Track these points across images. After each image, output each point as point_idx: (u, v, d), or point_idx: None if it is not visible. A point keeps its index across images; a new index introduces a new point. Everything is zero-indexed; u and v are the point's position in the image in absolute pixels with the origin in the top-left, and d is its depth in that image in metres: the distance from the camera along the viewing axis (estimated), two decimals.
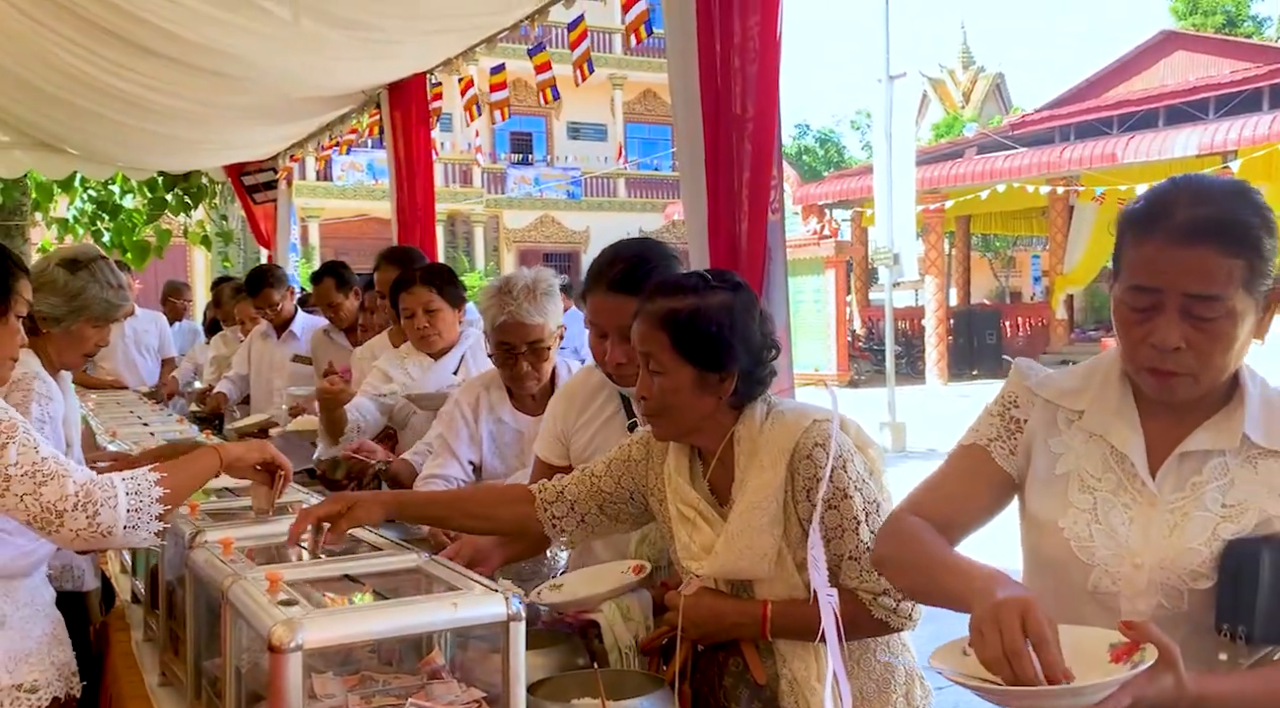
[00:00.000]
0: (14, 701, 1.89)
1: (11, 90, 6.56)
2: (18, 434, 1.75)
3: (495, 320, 2.58)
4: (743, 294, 1.75)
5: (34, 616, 1.97)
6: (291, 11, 4.45)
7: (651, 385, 1.72)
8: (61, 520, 1.71)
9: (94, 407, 4.39)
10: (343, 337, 4.61)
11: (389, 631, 1.39)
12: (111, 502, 1.72)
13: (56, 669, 1.98)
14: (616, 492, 1.87)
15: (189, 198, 8.87)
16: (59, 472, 1.74)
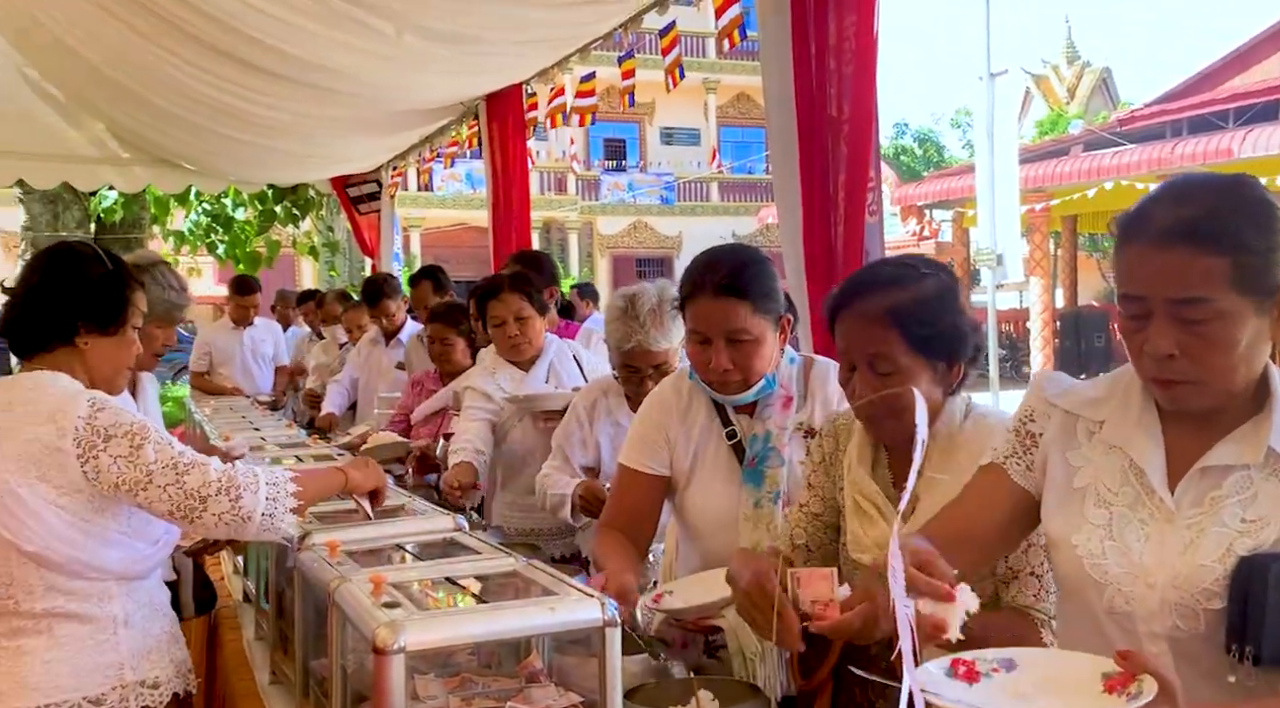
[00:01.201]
0: (139, 696, 1.93)
1: (132, 109, 6.89)
2: (150, 433, 1.84)
3: (622, 345, 2.56)
4: (950, 278, 1.69)
5: (153, 615, 2.02)
6: (395, 27, 4.57)
7: (880, 387, 1.60)
8: (205, 505, 1.79)
9: (210, 412, 4.56)
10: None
11: (488, 634, 1.41)
12: (253, 487, 1.81)
13: (175, 667, 2.04)
14: (825, 508, 1.82)
15: (297, 210, 9.20)
16: (198, 461, 1.83)
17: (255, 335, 6.78)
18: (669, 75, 4.42)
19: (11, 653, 1.86)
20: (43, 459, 1.82)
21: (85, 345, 1.97)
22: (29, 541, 1.81)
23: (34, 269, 2.04)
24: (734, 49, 4.32)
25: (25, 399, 1.88)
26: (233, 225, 9.47)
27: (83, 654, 1.88)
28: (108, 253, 2.08)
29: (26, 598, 1.85)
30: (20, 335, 1.99)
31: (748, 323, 1.98)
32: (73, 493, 1.83)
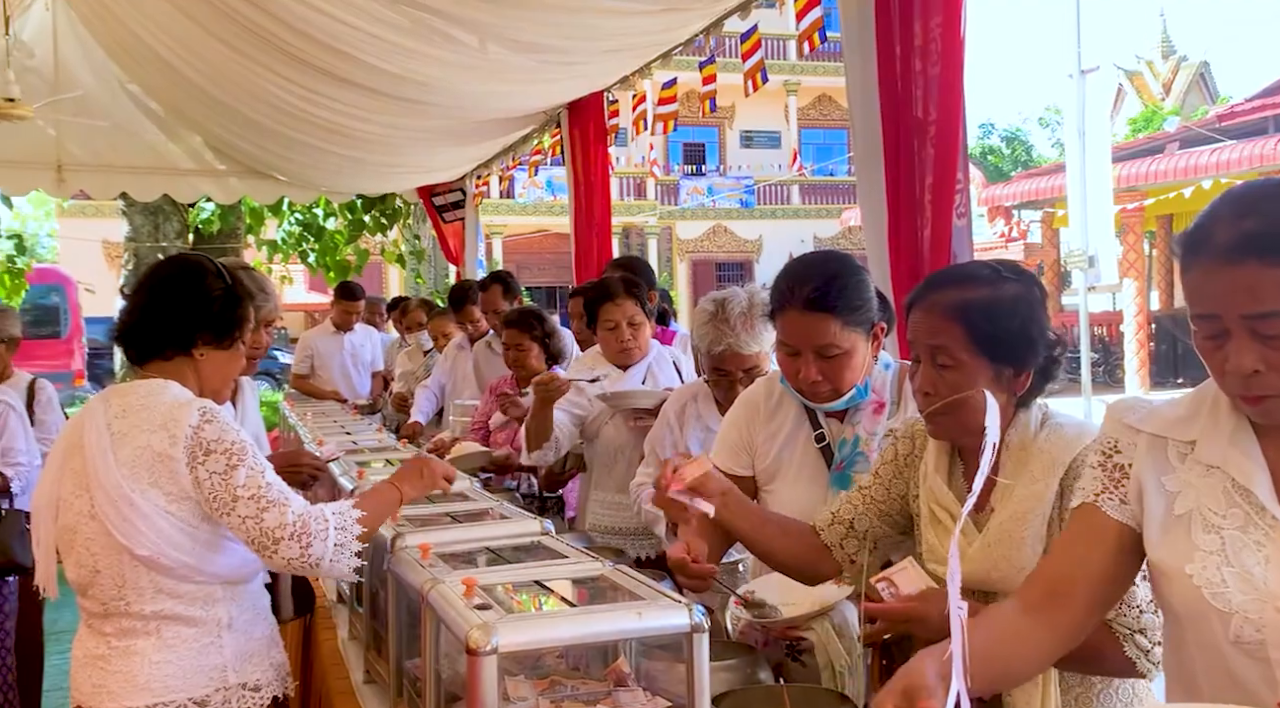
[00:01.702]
0: (240, 699, 1.96)
1: (228, 123, 7.13)
2: (247, 458, 1.88)
3: (712, 349, 2.56)
4: (1035, 287, 1.66)
5: (255, 619, 2.05)
6: (479, 39, 4.66)
7: (938, 380, 1.62)
8: (277, 547, 1.83)
9: (305, 417, 4.68)
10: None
11: (577, 637, 1.42)
12: (323, 535, 1.84)
13: (275, 669, 2.06)
14: (889, 498, 1.81)
15: (385, 219, 9.40)
16: (280, 500, 1.86)
17: (355, 341, 6.95)
18: (749, 80, 4.41)
19: (123, 653, 1.91)
20: (155, 466, 1.87)
21: (201, 356, 2.03)
22: (141, 545, 1.87)
23: (155, 280, 2.10)
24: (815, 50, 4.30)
25: (140, 407, 1.92)
26: (323, 235, 9.71)
27: (188, 656, 1.92)
28: (224, 267, 2.13)
29: (137, 600, 1.90)
30: (138, 343, 2.05)
31: (837, 338, 1.96)
32: (182, 500, 1.88)
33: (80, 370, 15.98)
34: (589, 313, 3.44)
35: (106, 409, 1.95)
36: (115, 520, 1.87)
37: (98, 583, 1.92)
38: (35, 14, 6.68)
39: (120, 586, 1.91)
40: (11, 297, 8.83)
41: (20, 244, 9.08)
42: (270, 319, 2.80)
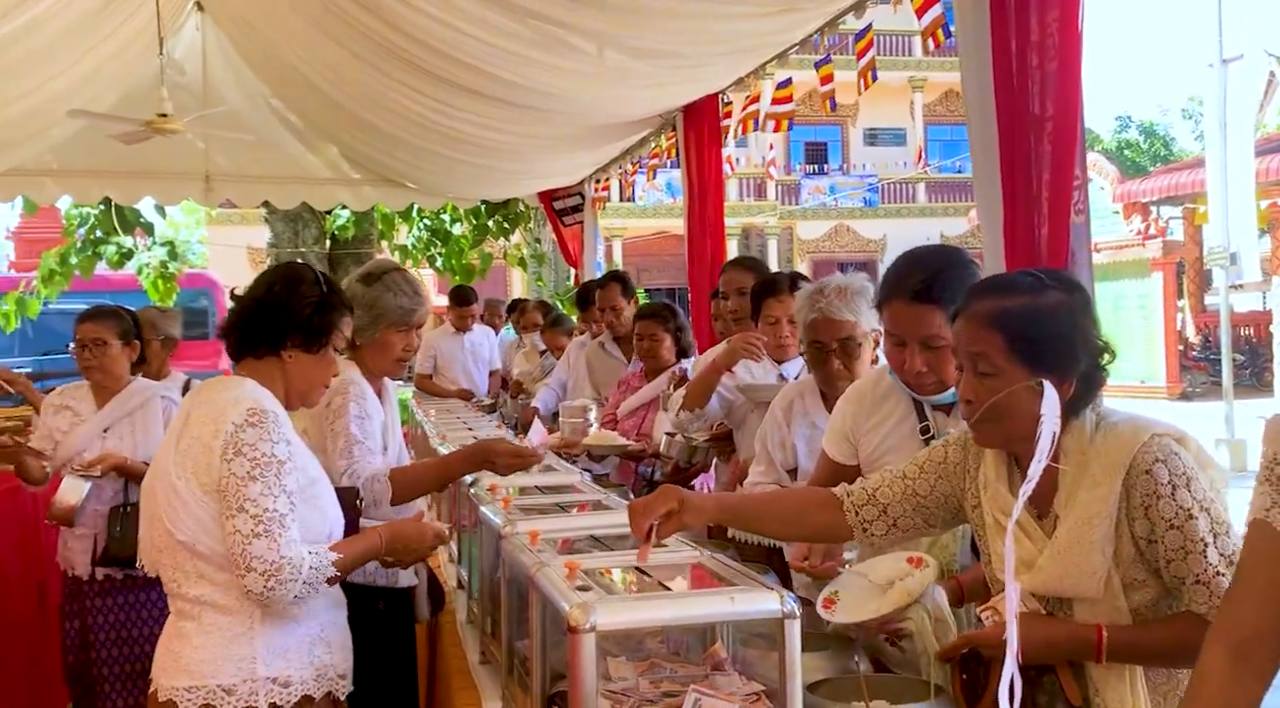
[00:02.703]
0: (268, 692, 1.95)
1: (362, 134, 7.48)
2: (269, 475, 1.90)
3: (806, 319, 2.62)
4: (1078, 295, 1.67)
5: (298, 615, 2.02)
6: (596, 46, 4.77)
7: (979, 389, 1.64)
8: (246, 575, 1.87)
9: (431, 414, 4.84)
10: (617, 348, 4.79)
11: (671, 619, 1.49)
12: (292, 582, 1.88)
13: (315, 669, 2.02)
14: (931, 495, 1.82)
15: (507, 223, 9.69)
16: (276, 532, 1.87)
17: (474, 340, 7.19)
18: (861, 78, 4.40)
19: (175, 633, 2.00)
20: (198, 457, 1.94)
21: (289, 359, 2.09)
22: (181, 530, 1.94)
23: (261, 283, 2.18)
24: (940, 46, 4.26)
25: (208, 400, 2.01)
26: (450, 239, 10.07)
27: (221, 644, 1.95)
28: (325, 277, 2.18)
29: (185, 583, 1.97)
30: (236, 339, 2.13)
31: (942, 329, 1.98)
32: (214, 491, 1.93)
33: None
34: (753, 305, 3.49)
35: (194, 400, 2.07)
36: (164, 505, 1.96)
37: (162, 564, 2.01)
38: (187, 34, 7.15)
39: (174, 568, 1.98)
40: (164, 300, 9.43)
41: (173, 250, 9.69)
42: (422, 322, 2.80)
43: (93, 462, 3.42)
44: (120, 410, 3.56)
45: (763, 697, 1.49)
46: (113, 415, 3.56)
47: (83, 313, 3.63)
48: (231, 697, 1.92)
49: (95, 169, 7.57)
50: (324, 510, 2.06)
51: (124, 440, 3.57)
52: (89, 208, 8.81)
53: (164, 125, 5.57)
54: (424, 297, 2.81)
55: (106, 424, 3.56)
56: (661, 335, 4.12)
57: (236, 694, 1.93)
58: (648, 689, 1.55)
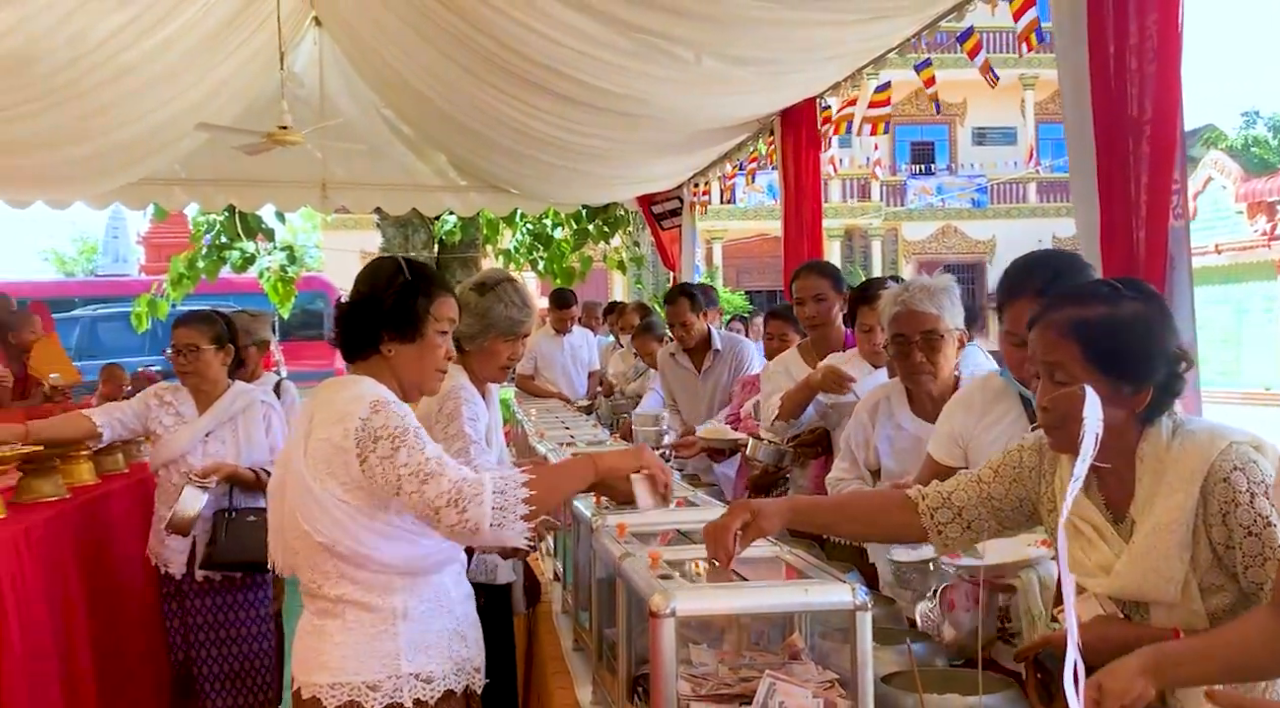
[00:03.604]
0: (412, 688, 1.97)
1: (468, 143, 7.72)
2: (409, 438, 1.90)
3: (890, 314, 2.66)
4: (1155, 303, 1.69)
5: (436, 611, 2.03)
6: (695, 54, 4.86)
7: (1056, 397, 1.66)
8: (439, 516, 1.86)
9: (532, 414, 4.97)
10: (687, 358, 4.83)
11: (747, 607, 1.57)
12: (477, 500, 1.84)
13: (454, 664, 2.04)
14: (1006, 498, 1.85)
15: (607, 227, 9.86)
16: (438, 471, 1.87)
17: (574, 343, 7.31)
18: (985, 75, 4.40)
19: (316, 632, 2.02)
20: (332, 458, 1.94)
21: (390, 353, 2.06)
22: (320, 532, 1.94)
23: (354, 284, 2.16)
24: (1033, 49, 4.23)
25: (329, 402, 2.00)
26: (552, 243, 10.30)
27: (364, 641, 1.97)
28: (411, 264, 2.12)
29: (325, 583, 1.99)
30: (343, 343, 2.12)
31: None
32: (355, 490, 1.93)
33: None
34: (850, 311, 3.52)
35: (313, 403, 2.06)
36: (301, 508, 1.96)
37: (299, 565, 2.03)
38: (305, 48, 7.50)
39: (312, 569, 2.00)
40: (283, 303, 9.88)
41: (291, 255, 10.14)
42: (529, 332, 2.88)
43: (207, 471, 3.45)
44: (222, 415, 3.59)
45: (835, 684, 1.55)
46: (215, 420, 3.58)
47: (177, 318, 3.64)
48: (376, 693, 1.94)
49: (220, 178, 8.00)
50: None
51: (226, 445, 3.58)
52: (215, 215, 9.31)
53: (285, 137, 5.87)
54: (533, 308, 2.89)
55: (209, 429, 3.57)
56: (792, 337, 4.19)
57: (381, 691, 1.95)
58: (727, 675, 1.63)
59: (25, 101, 5.64)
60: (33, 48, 5.04)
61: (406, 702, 1.96)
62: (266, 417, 3.67)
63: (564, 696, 2.12)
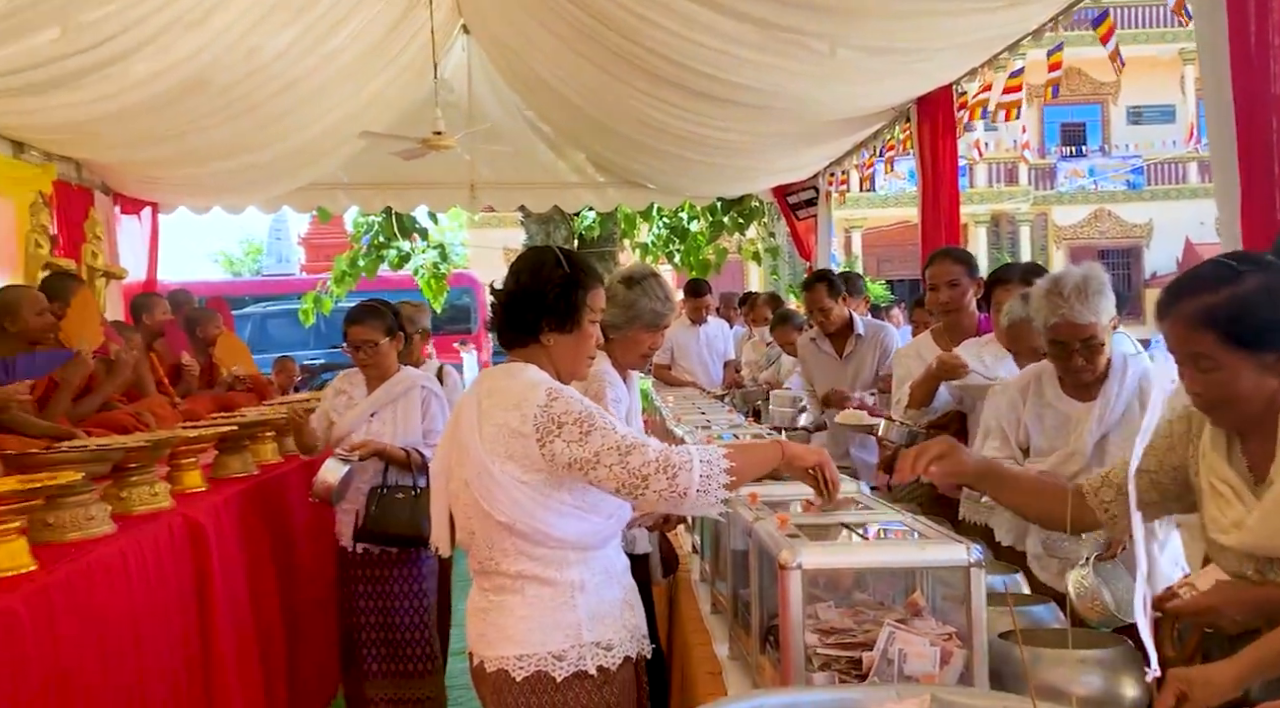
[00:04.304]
0: (594, 656, 2.06)
1: (606, 140, 7.98)
2: (596, 419, 2.00)
3: (1047, 321, 2.67)
4: (1274, 270, 1.70)
5: (608, 582, 2.13)
6: (829, 46, 4.95)
7: (1205, 382, 1.69)
8: (646, 483, 1.93)
9: (669, 401, 5.14)
10: (828, 343, 4.87)
11: (867, 562, 1.71)
12: (688, 466, 1.94)
13: (629, 631, 2.14)
14: (1161, 469, 1.89)
15: (742, 218, 9.98)
16: (639, 443, 1.97)
17: (709, 333, 7.41)
18: (1113, 62, 4.34)
19: (496, 607, 2.10)
20: (510, 441, 2.02)
21: (549, 343, 2.15)
22: (500, 511, 2.03)
23: (511, 274, 2.23)
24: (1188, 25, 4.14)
25: (500, 388, 2.09)
26: (688, 236, 10.49)
27: (547, 613, 2.06)
28: (568, 256, 2.20)
29: (504, 560, 2.08)
30: (502, 332, 2.21)
31: None
32: (533, 472, 2.02)
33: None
34: (986, 294, 3.55)
35: (479, 389, 2.14)
36: (480, 489, 2.05)
37: (475, 544, 2.11)
38: (454, 55, 7.90)
39: (490, 547, 2.08)
40: (436, 298, 10.40)
41: (443, 252, 10.66)
42: (669, 324, 3.07)
43: (354, 446, 3.67)
44: (385, 397, 3.86)
45: (954, 637, 1.68)
46: (379, 401, 3.83)
47: (349, 315, 3.84)
48: (562, 662, 2.04)
49: (378, 181, 8.51)
50: None
51: (386, 425, 3.80)
52: (373, 216, 9.88)
53: (438, 143, 6.23)
54: (674, 302, 3.06)
55: (373, 409, 3.82)
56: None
57: (567, 660, 2.04)
58: (851, 626, 1.77)
59: (205, 116, 6.17)
60: (213, 66, 5.53)
61: (590, 669, 2.06)
62: (425, 401, 3.89)
63: (703, 651, 2.30)
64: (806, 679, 1.65)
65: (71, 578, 2.37)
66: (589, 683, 2.06)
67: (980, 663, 1.61)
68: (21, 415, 3.57)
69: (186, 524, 3.09)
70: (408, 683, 3.83)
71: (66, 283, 4.48)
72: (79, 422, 3.95)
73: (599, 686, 2.07)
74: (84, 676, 2.33)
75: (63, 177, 6.51)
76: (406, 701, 3.85)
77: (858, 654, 1.68)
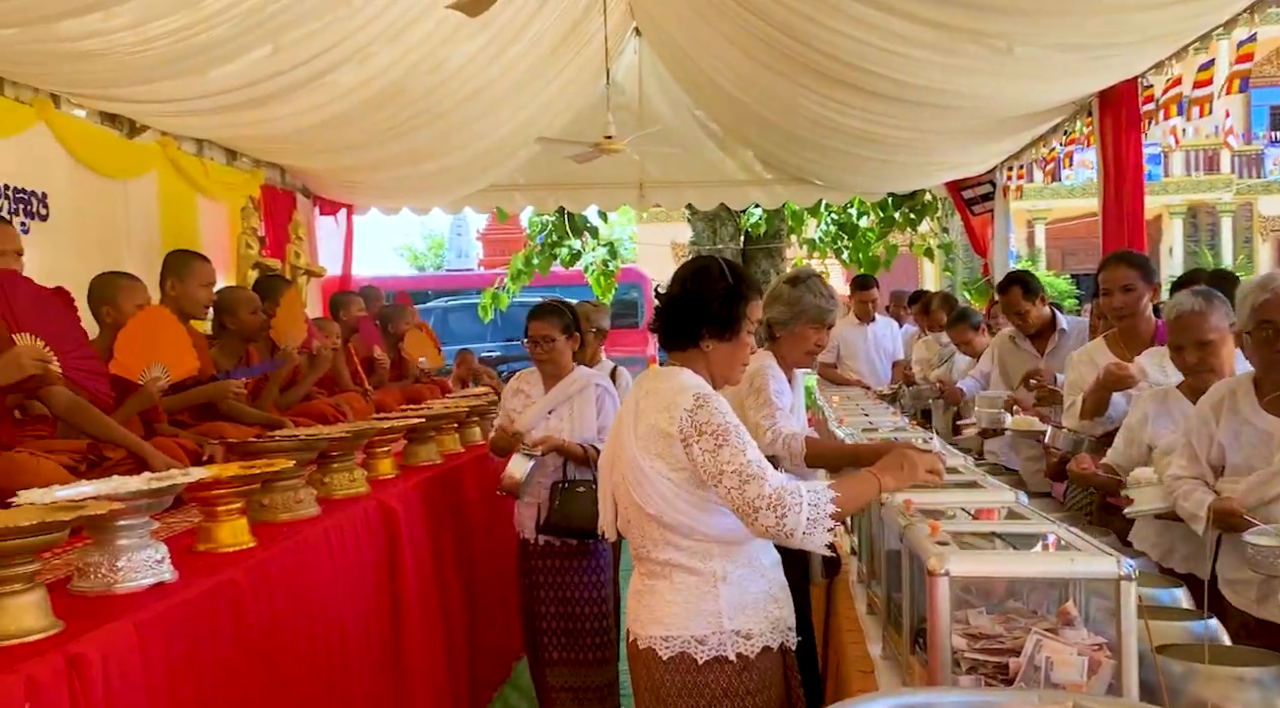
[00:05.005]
0: (734, 643, 2.18)
1: (775, 138, 8.03)
2: (731, 438, 2.09)
3: (1257, 301, 2.55)
4: None
5: (751, 575, 2.22)
6: (1006, 43, 4.86)
7: None
8: (757, 515, 2.05)
9: (836, 401, 5.15)
10: (1028, 343, 4.73)
11: (1014, 571, 1.74)
12: (796, 508, 2.03)
13: (770, 623, 2.22)
14: None
15: (914, 214, 9.81)
16: (759, 474, 2.06)
17: (878, 331, 7.25)
18: None
19: (649, 590, 2.25)
20: (659, 441, 2.17)
21: (708, 349, 2.28)
22: (649, 504, 2.19)
23: (675, 280, 2.35)
24: None
25: (655, 389, 2.23)
26: (857, 232, 10.39)
27: (691, 600, 2.19)
28: (732, 268, 2.31)
29: (653, 548, 2.23)
30: (663, 335, 2.34)
31: None
32: (679, 470, 2.16)
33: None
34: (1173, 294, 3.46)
35: (638, 389, 2.30)
36: (632, 482, 2.21)
37: (630, 532, 2.27)
38: (626, 58, 8.13)
39: (642, 536, 2.23)
40: (604, 295, 10.69)
41: (612, 250, 10.94)
42: (834, 322, 3.17)
43: (536, 442, 3.84)
44: (562, 395, 4.00)
45: (1104, 647, 1.69)
46: (555, 399, 3.99)
47: (532, 311, 4.03)
48: (703, 646, 2.18)
49: (552, 182, 8.84)
50: None
51: (563, 421, 3.96)
52: (546, 215, 10.26)
53: (610, 146, 6.44)
54: (838, 300, 3.18)
55: (551, 407, 3.99)
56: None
57: (708, 644, 2.17)
58: (1000, 633, 1.81)
59: (396, 125, 6.60)
60: (405, 78, 5.91)
61: (730, 655, 2.18)
62: (600, 399, 4.02)
63: (856, 649, 2.36)
64: (953, 682, 1.70)
65: (284, 554, 2.67)
66: (728, 668, 2.18)
67: (1129, 675, 1.62)
68: (238, 405, 3.98)
69: (380, 508, 3.38)
70: (587, 671, 3.97)
71: (276, 284, 4.92)
72: (285, 410, 4.37)
73: (738, 671, 2.18)
74: (293, 641, 2.62)
75: (269, 181, 7.10)
76: (586, 688, 3.99)
77: (1005, 660, 1.72)
